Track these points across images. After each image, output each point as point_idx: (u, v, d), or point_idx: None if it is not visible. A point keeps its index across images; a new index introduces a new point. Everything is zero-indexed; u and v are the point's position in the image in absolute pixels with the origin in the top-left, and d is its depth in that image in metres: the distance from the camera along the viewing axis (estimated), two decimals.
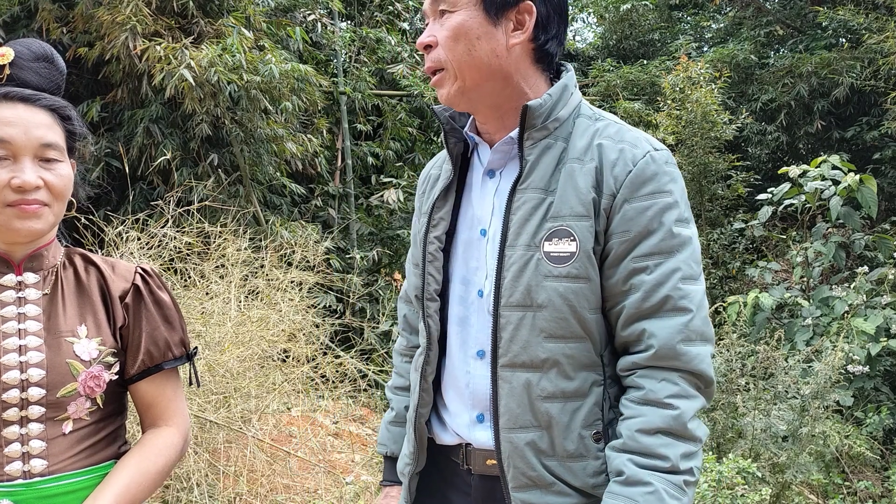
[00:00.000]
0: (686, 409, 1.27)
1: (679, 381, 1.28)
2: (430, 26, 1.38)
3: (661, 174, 1.32)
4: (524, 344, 1.32)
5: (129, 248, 4.19)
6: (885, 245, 5.64)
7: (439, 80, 1.38)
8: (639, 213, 1.30)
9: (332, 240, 6.62)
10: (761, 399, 3.88)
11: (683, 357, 1.28)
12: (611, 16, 11.67)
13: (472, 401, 1.41)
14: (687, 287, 1.30)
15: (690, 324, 1.29)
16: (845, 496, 3.97)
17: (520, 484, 1.33)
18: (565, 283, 1.30)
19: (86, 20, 6.10)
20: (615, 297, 1.33)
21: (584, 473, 1.32)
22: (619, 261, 1.31)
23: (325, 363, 4.81)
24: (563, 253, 1.30)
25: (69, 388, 1.33)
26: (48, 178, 1.31)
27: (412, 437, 1.49)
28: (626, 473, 1.25)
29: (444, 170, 1.50)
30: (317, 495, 3.84)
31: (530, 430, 1.32)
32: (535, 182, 1.34)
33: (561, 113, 1.37)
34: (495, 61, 1.34)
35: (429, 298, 1.45)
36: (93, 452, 1.37)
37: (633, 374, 1.32)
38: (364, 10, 8.93)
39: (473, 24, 1.32)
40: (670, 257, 1.30)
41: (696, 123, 7.31)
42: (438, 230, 1.46)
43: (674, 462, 1.25)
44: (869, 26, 7.97)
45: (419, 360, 1.48)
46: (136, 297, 1.44)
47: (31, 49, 1.37)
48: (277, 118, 6.64)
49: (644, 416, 1.27)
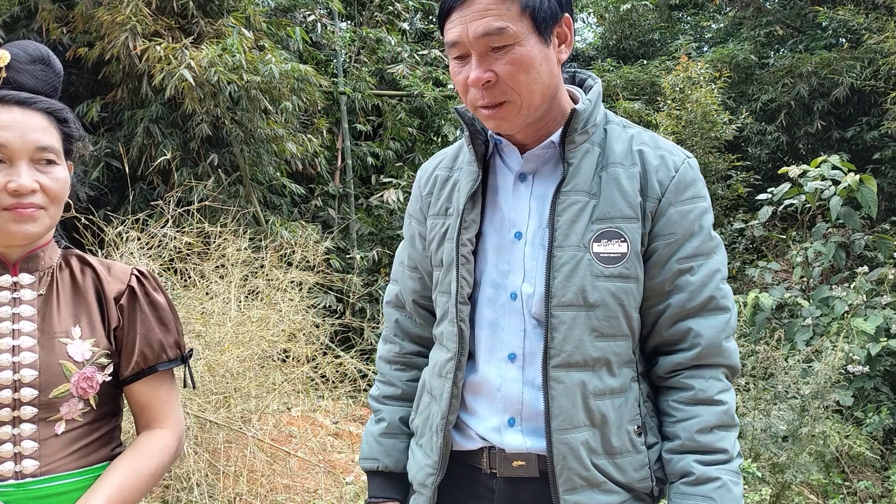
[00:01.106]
0: (731, 401, 1.36)
1: (722, 377, 1.37)
2: (482, 60, 1.31)
3: (698, 180, 1.40)
4: (577, 343, 1.34)
5: (129, 249, 4.19)
6: (885, 245, 5.63)
7: (503, 114, 1.34)
8: (682, 217, 1.36)
9: (332, 240, 6.62)
10: (761, 399, 3.87)
11: (725, 353, 1.37)
12: (611, 16, 11.67)
13: (504, 405, 1.40)
14: (725, 287, 1.39)
15: (730, 321, 1.38)
16: (845, 496, 3.97)
17: (572, 486, 1.34)
18: (617, 283, 1.34)
19: (86, 20, 6.10)
20: (658, 297, 1.38)
21: (631, 468, 1.37)
22: (665, 262, 1.37)
23: (325, 363, 4.81)
24: (613, 253, 1.34)
25: (62, 389, 1.33)
26: (44, 182, 1.31)
27: (438, 445, 1.44)
28: (696, 473, 1.32)
29: (467, 171, 1.47)
30: (317, 495, 3.84)
31: (583, 430, 1.34)
32: (579, 185, 1.36)
33: (598, 119, 1.41)
34: (553, 81, 1.36)
35: (461, 302, 1.42)
36: (86, 453, 1.37)
37: (677, 375, 1.38)
38: (364, 10, 8.93)
39: (535, 52, 1.31)
40: (710, 258, 1.38)
41: (696, 123, 7.30)
42: (470, 232, 1.43)
43: (731, 452, 1.34)
44: (869, 26, 7.97)
45: (448, 365, 1.44)
46: (131, 299, 1.43)
47: (28, 51, 1.36)
48: (277, 118, 6.64)
49: (699, 415, 1.34)
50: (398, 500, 1.58)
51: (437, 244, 1.48)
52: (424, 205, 1.56)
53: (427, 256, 1.54)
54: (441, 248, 1.47)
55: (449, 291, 1.44)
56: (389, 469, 1.59)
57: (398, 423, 1.61)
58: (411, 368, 1.64)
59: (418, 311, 1.62)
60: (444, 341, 1.47)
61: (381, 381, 1.67)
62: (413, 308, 1.62)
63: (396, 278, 1.67)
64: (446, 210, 1.49)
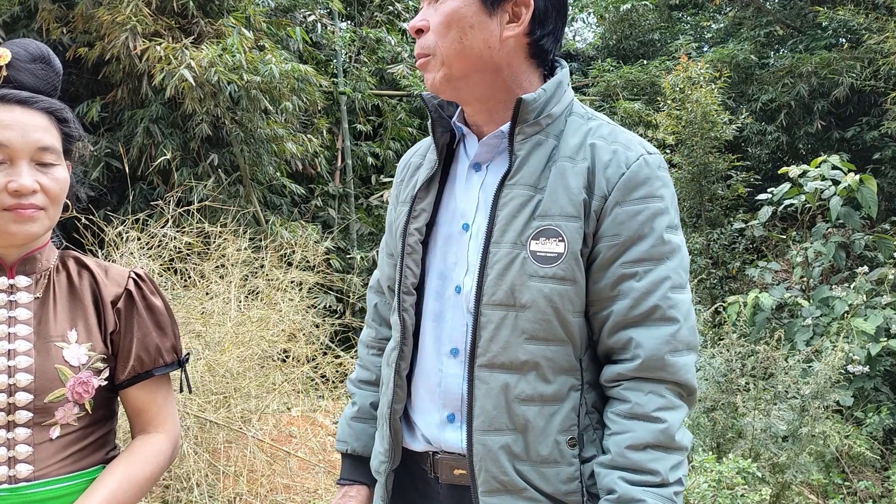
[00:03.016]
0: (673, 420, 1.25)
1: (665, 393, 1.26)
2: (425, 10, 1.34)
3: (654, 178, 1.29)
4: (504, 344, 1.28)
5: (129, 249, 4.19)
6: (885, 245, 5.63)
7: (425, 65, 1.33)
8: (630, 217, 1.27)
9: (332, 240, 6.62)
10: (761, 399, 3.87)
11: (670, 368, 1.26)
12: (611, 16, 11.65)
13: (444, 400, 1.36)
14: (676, 296, 1.27)
15: (678, 334, 1.26)
16: (845, 496, 3.97)
17: (490, 489, 1.29)
18: (551, 285, 1.27)
19: (86, 20, 6.10)
20: (601, 303, 1.30)
21: (557, 479, 1.29)
22: (608, 265, 1.28)
23: (325, 363, 4.81)
24: (550, 253, 1.27)
25: (57, 393, 1.32)
26: (44, 182, 1.30)
27: (387, 434, 1.43)
28: (619, 492, 1.22)
29: (428, 159, 1.44)
30: (317, 495, 3.84)
31: (505, 434, 1.28)
32: (523, 178, 1.30)
33: (554, 109, 1.34)
34: (486, 52, 1.30)
35: (405, 292, 1.40)
36: (80, 458, 1.36)
37: (618, 386, 1.29)
38: (364, 10, 8.93)
39: (468, 11, 1.28)
40: (660, 264, 1.27)
41: (696, 123, 7.29)
42: (419, 222, 1.41)
43: (664, 476, 1.23)
44: (869, 26, 7.96)
45: (392, 354, 1.42)
46: (128, 303, 1.42)
47: (28, 50, 1.35)
48: (277, 118, 6.64)
49: (632, 431, 1.25)
50: (365, 483, 1.56)
51: (400, 232, 1.45)
52: (399, 191, 1.54)
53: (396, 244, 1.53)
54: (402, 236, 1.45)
55: (396, 280, 1.43)
56: (358, 453, 1.57)
57: (368, 408, 1.60)
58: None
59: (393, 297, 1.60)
60: (393, 330, 1.46)
61: (360, 364, 1.66)
62: (389, 294, 1.59)
63: (379, 264, 1.66)
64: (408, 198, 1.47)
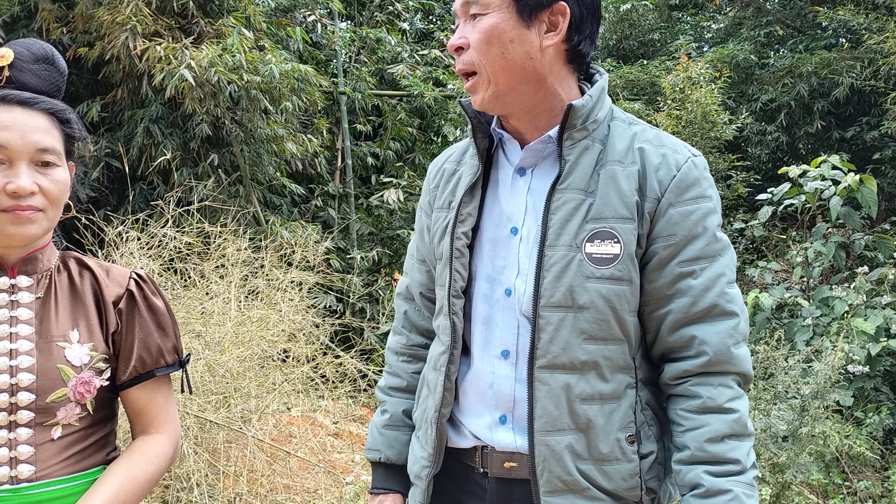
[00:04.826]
0: (743, 409, 1.31)
1: (732, 384, 1.32)
2: (462, 27, 1.35)
3: (703, 179, 1.35)
4: (564, 345, 1.31)
5: (129, 249, 4.19)
6: (885, 245, 5.63)
7: (473, 86, 1.36)
8: (684, 217, 1.32)
9: (332, 240, 6.62)
10: (761, 399, 3.87)
11: (735, 360, 1.31)
12: (611, 16, 11.65)
13: (496, 401, 1.39)
14: (731, 291, 1.33)
15: (738, 327, 1.32)
16: (845, 496, 3.97)
17: (553, 489, 1.31)
18: (608, 285, 1.31)
19: (86, 20, 6.10)
20: (658, 301, 1.34)
21: (619, 476, 1.33)
22: (665, 265, 1.33)
23: (325, 363, 4.81)
24: (606, 254, 1.31)
25: (59, 393, 1.31)
26: (44, 184, 1.30)
27: (432, 438, 1.44)
28: (706, 486, 1.27)
29: (469, 164, 1.47)
30: (317, 495, 3.84)
31: (567, 433, 1.31)
32: (574, 182, 1.33)
33: (599, 115, 1.37)
34: (529, 64, 1.32)
35: (454, 295, 1.42)
36: (81, 458, 1.35)
37: (684, 383, 1.33)
38: (364, 10, 8.93)
39: (506, 26, 1.30)
40: (715, 261, 1.32)
41: (696, 123, 7.30)
42: (466, 226, 1.43)
43: (744, 463, 1.28)
44: (869, 26, 7.97)
45: (441, 358, 1.44)
46: (129, 303, 1.42)
47: (32, 50, 1.34)
48: (277, 118, 6.64)
49: (709, 424, 1.29)
50: (399, 492, 1.58)
51: (440, 237, 1.48)
52: (432, 198, 1.56)
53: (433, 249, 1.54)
54: (442, 241, 1.47)
55: (445, 285, 1.44)
56: (391, 461, 1.59)
57: (401, 416, 1.61)
58: (417, 360, 1.64)
59: (425, 303, 1.62)
60: (440, 334, 1.47)
61: (388, 371, 1.68)
62: (421, 300, 1.62)
63: (407, 270, 1.67)
64: (449, 203, 1.49)
